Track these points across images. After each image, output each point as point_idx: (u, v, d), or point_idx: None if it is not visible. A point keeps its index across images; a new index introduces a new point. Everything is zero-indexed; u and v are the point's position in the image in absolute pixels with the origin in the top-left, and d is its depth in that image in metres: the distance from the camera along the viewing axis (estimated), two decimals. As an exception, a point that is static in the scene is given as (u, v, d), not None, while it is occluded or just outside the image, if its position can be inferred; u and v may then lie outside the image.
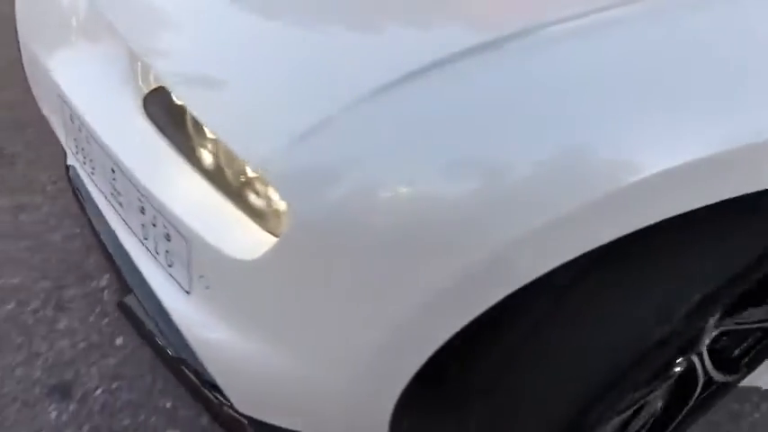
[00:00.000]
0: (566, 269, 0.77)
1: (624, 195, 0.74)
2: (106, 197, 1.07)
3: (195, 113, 0.86)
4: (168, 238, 0.95)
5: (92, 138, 1.04)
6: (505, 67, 0.77)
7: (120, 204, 1.04)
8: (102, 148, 1.01)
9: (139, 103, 1.01)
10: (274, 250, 0.82)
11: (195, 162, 0.93)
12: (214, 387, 1.02)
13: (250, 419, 1.03)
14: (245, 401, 0.99)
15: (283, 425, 1.00)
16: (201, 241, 0.89)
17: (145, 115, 1.00)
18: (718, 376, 1.18)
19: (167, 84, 0.92)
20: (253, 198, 0.87)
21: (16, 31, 1.27)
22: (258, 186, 0.86)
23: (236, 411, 1.02)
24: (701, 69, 0.76)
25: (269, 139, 0.80)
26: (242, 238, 0.87)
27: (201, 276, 0.93)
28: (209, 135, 0.91)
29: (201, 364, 0.99)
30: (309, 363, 0.89)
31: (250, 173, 0.87)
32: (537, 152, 0.74)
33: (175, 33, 0.92)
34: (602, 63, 0.76)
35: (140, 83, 1.02)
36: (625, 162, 0.73)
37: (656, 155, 0.73)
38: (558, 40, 0.78)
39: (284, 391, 0.94)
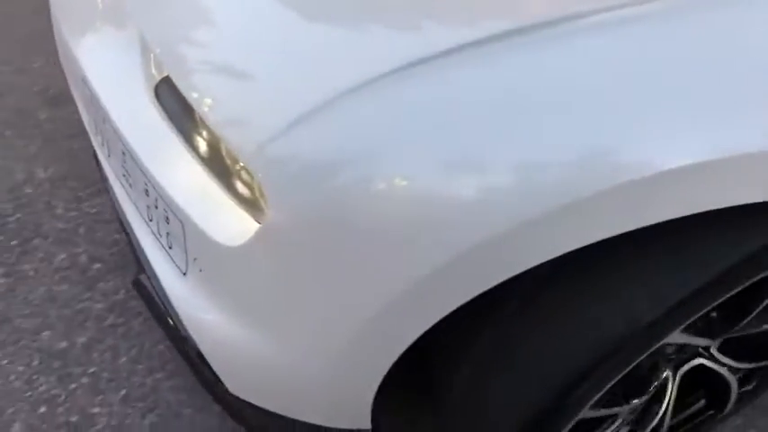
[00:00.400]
0: (539, 269, 0.77)
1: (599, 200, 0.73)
2: (119, 178, 1.12)
3: (190, 100, 0.89)
4: (168, 220, 0.98)
5: (107, 120, 1.08)
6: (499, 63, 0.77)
7: (130, 186, 1.08)
8: (115, 130, 1.05)
9: (151, 89, 1.05)
10: (256, 238, 0.84)
11: (195, 149, 0.96)
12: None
13: (246, 403, 1.05)
14: (235, 384, 1.02)
15: (272, 409, 1.02)
16: (194, 225, 0.92)
17: (155, 102, 1.04)
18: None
19: (166, 69, 0.95)
20: (241, 186, 0.89)
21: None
22: (246, 175, 0.89)
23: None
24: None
25: (254, 129, 0.82)
26: (230, 225, 0.89)
27: (195, 259, 0.96)
28: (205, 122, 0.93)
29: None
30: (291, 349, 0.91)
31: (240, 161, 0.89)
32: (528, 150, 0.74)
33: (179, 24, 0.95)
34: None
35: (153, 70, 1.06)
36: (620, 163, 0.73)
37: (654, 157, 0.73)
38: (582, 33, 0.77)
39: (270, 376, 0.97)
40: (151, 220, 1.04)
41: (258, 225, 0.86)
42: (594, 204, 0.74)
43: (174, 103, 1.02)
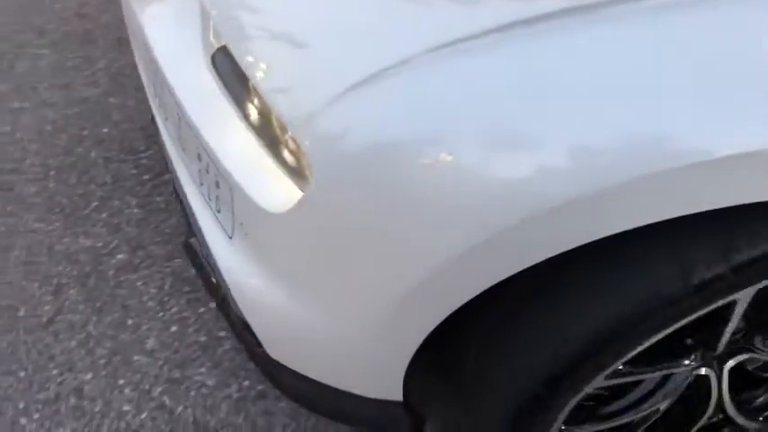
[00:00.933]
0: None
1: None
2: (174, 142, 1.15)
3: (244, 68, 0.91)
4: (217, 185, 1.01)
5: (165, 85, 1.11)
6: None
7: (184, 150, 1.11)
8: (172, 95, 1.08)
9: (208, 57, 1.08)
10: (299, 206, 0.86)
11: (247, 117, 0.98)
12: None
13: (284, 368, 1.08)
14: (274, 347, 1.05)
15: (309, 375, 1.05)
16: (242, 191, 0.94)
17: (212, 69, 1.06)
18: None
19: (223, 36, 0.98)
20: (288, 155, 0.91)
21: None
22: (293, 144, 0.90)
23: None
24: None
25: (303, 99, 0.84)
26: (276, 192, 0.92)
27: (242, 224, 0.98)
28: (257, 91, 0.95)
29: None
30: (331, 317, 0.93)
31: (288, 130, 0.91)
32: (576, 132, 0.74)
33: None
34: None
35: (211, 38, 1.09)
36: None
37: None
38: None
39: (309, 343, 0.99)
40: (202, 184, 1.07)
41: (302, 194, 0.88)
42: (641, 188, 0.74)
43: (229, 72, 1.04)
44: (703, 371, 1.04)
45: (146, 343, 1.56)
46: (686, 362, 1.00)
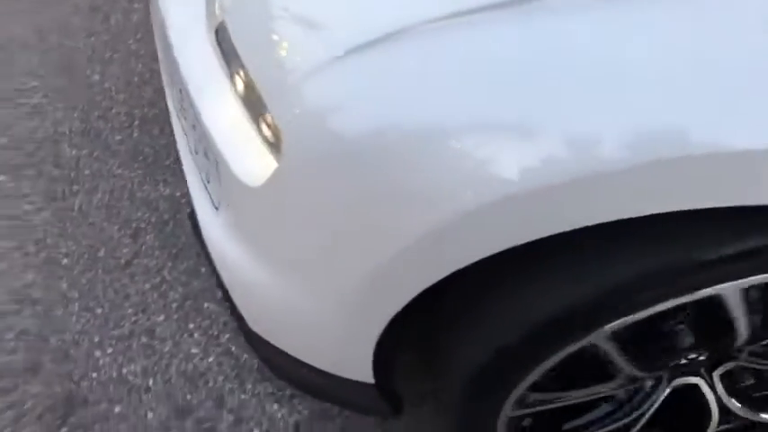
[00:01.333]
0: None
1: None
2: (177, 112, 1.17)
3: (232, 39, 0.92)
4: (207, 156, 1.02)
5: (170, 54, 1.13)
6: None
7: (185, 119, 1.13)
8: (175, 64, 1.10)
9: (212, 30, 1.09)
10: (272, 179, 0.87)
11: (236, 90, 0.99)
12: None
13: (264, 340, 1.09)
14: (253, 320, 1.06)
15: (285, 349, 1.05)
16: (225, 163, 0.95)
17: (214, 42, 1.07)
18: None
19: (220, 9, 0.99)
20: (266, 129, 0.92)
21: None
22: (271, 118, 0.91)
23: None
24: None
25: (279, 73, 0.84)
26: (255, 166, 0.92)
27: (225, 196, 1.00)
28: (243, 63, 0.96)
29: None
30: (301, 290, 0.94)
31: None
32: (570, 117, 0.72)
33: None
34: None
35: (216, 11, 1.10)
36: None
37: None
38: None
39: (282, 316, 1.00)
40: (197, 154, 1.09)
41: (275, 168, 0.88)
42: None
43: (228, 45, 1.05)
44: (692, 380, 1.02)
45: (216, 291, 1.58)
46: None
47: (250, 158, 0.93)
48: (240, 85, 0.97)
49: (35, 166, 1.89)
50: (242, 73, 0.97)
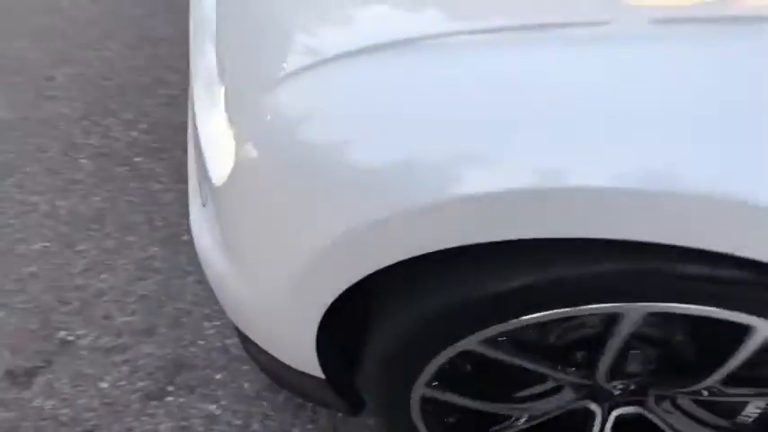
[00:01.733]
0: None
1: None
2: (192, 109, 1.24)
3: (217, 41, 0.97)
4: (200, 153, 1.09)
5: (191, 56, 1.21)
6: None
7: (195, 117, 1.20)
8: (193, 65, 1.18)
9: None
10: (229, 179, 0.92)
11: (222, 94, 1.04)
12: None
13: (240, 332, 1.15)
14: (229, 311, 1.11)
15: (252, 338, 1.10)
16: (205, 162, 1.01)
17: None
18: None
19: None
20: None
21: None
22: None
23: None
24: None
25: (245, 81, 0.90)
26: (224, 167, 0.97)
27: (207, 194, 1.06)
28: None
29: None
30: (251, 282, 0.99)
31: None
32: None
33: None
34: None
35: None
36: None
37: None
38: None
39: (243, 307, 1.04)
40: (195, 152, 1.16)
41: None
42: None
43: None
44: (592, 406, 1.04)
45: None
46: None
47: (224, 160, 0.98)
48: (222, 90, 1.03)
49: (168, 150, 2.09)
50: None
